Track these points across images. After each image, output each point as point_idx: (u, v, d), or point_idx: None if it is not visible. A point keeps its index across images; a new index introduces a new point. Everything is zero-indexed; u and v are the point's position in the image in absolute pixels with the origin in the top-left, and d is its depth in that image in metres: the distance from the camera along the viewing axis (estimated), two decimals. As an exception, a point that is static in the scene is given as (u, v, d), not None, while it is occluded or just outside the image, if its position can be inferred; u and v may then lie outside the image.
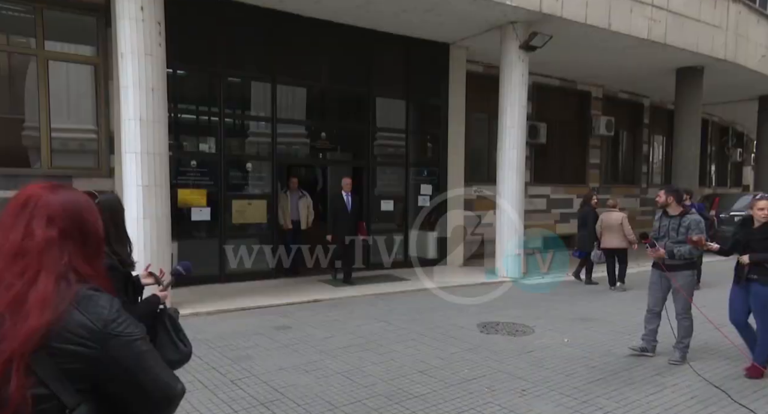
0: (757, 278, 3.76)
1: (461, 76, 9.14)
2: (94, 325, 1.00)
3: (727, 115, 17.01)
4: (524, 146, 8.20)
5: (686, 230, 4.09)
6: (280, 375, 3.93)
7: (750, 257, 3.77)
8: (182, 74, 7.07)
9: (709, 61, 9.73)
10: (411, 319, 5.55)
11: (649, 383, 3.80)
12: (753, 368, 3.89)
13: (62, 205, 1.07)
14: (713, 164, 17.88)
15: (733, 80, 11.18)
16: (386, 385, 3.75)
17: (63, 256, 1.03)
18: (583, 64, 10.17)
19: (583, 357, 4.39)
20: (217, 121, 7.16)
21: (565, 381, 3.84)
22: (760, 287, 3.77)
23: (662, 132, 14.60)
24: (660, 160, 15.07)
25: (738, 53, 10.02)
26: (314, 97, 8.52)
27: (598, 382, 3.84)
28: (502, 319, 5.59)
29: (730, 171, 19.24)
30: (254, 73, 7.53)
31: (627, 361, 4.25)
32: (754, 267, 3.76)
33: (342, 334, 5.01)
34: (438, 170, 9.19)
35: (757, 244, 3.70)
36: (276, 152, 7.63)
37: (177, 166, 6.77)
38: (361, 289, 7.01)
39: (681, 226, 4.12)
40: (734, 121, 18.24)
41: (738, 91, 12.52)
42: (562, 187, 11.61)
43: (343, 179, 7.35)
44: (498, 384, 3.78)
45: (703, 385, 3.76)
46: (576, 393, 3.62)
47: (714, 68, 10.05)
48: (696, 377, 3.91)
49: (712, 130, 16.96)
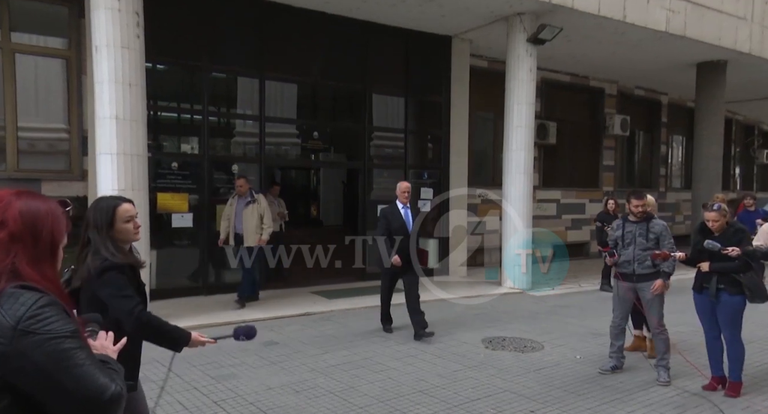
0: (724, 288, 3.85)
1: (464, 72, 9.20)
2: (6, 321, 1.10)
3: (752, 114, 17.11)
4: (532, 147, 8.24)
5: (656, 237, 4.21)
6: (268, 395, 3.92)
7: (711, 266, 3.87)
8: (162, 69, 7.10)
9: (732, 55, 9.81)
10: (410, 333, 5.54)
11: (668, 405, 3.80)
12: (732, 386, 3.94)
13: (20, 210, 1.20)
14: (738, 167, 17.96)
15: (759, 76, 11.26)
16: (383, 405, 3.75)
17: (6, 258, 1.17)
18: (595, 59, 10.24)
19: (597, 375, 4.40)
20: (201, 119, 7.18)
21: (577, 402, 3.85)
22: (728, 297, 3.85)
23: (682, 132, 14.68)
24: (679, 161, 15.14)
25: (764, 46, 10.11)
26: (305, 93, 8.56)
27: (614, 402, 3.84)
28: (509, 334, 5.59)
29: (756, 173, 19.33)
30: (241, 67, 7.57)
31: (643, 381, 4.26)
32: (720, 277, 3.86)
33: (335, 350, 5.01)
34: (439, 173, 9.22)
35: (718, 252, 3.77)
36: (264, 153, 7.65)
37: (156, 169, 6.78)
38: (355, 301, 7.00)
39: (650, 232, 4.23)
40: (760, 120, 18.35)
41: (764, 88, 12.61)
42: (573, 191, 11.65)
43: (399, 184, 5.60)
44: (504, 405, 3.78)
45: (731, 404, 3.77)
46: (589, 414, 3.62)
47: (738, 63, 10.13)
48: (720, 397, 3.91)
49: (736, 130, 17.06)
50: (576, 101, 11.97)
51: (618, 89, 12.41)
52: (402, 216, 5.49)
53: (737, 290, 3.82)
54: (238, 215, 6.52)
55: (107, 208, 2.13)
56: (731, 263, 3.78)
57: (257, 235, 6.45)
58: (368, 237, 8.45)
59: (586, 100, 12.16)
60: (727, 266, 3.81)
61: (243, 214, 6.46)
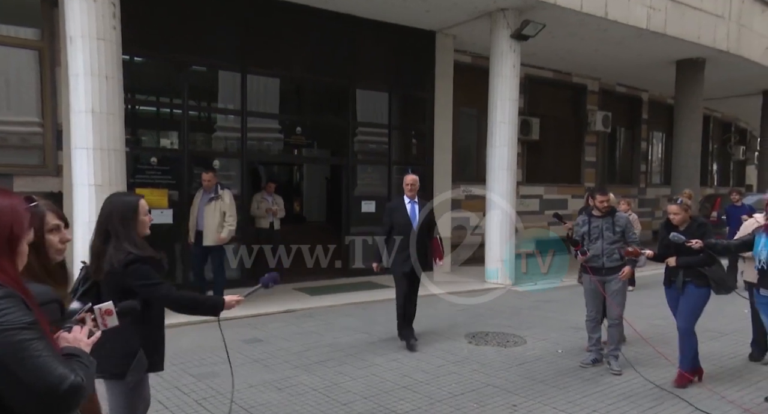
0: (690, 280, 3.99)
1: (448, 67, 9.23)
2: None
3: (729, 111, 17.53)
4: (516, 143, 8.32)
5: (621, 229, 4.37)
6: (250, 393, 3.91)
7: (677, 261, 4.00)
8: (140, 61, 6.99)
9: (711, 53, 10.02)
10: (394, 330, 5.56)
11: (646, 397, 3.89)
12: (680, 375, 4.06)
13: None
14: (715, 163, 18.39)
15: (736, 74, 11.53)
16: (366, 402, 3.76)
17: None
18: (578, 55, 10.37)
19: (578, 368, 4.48)
20: (180, 114, 7.09)
21: (559, 395, 3.91)
22: (694, 289, 3.99)
23: (662, 128, 14.97)
24: (659, 158, 15.44)
25: (741, 45, 10.35)
26: (288, 88, 8.50)
27: (595, 394, 3.92)
28: (492, 329, 5.66)
29: (733, 170, 19.81)
30: (222, 61, 7.48)
31: (624, 374, 4.34)
32: (686, 270, 3.99)
33: (318, 347, 5.01)
34: (423, 169, 9.23)
35: (683, 247, 3.89)
36: (246, 148, 7.59)
37: (134, 164, 6.68)
38: (339, 297, 7.00)
39: (615, 225, 4.39)
40: (737, 117, 18.80)
41: (741, 86, 12.92)
42: (555, 187, 11.81)
43: (405, 177, 5.19)
44: (487, 399, 3.82)
45: (704, 397, 3.87)
46: (571, 408, 3.69)
47: (716, 61, 10.36)
48: (696, 390, 4.01)
49: (713, 127, 17.45)
50: (559, 97, 12.11)
51: (600, 86, 12.59)
52: (407, 211, 5.01)
53: (703, 282, 3.96)
54: (200, 211, 6.30)
55: (132, 203, 2.31)
56: (696, 257, 3.91)
57: (218, 234, 6.24)
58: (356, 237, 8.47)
59: (568, 97, 12.31)
60: (692, 260, 3.94)
61: (205, 211, 6.24)
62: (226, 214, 6.31)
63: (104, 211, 2.30)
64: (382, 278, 8.26)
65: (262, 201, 7.82)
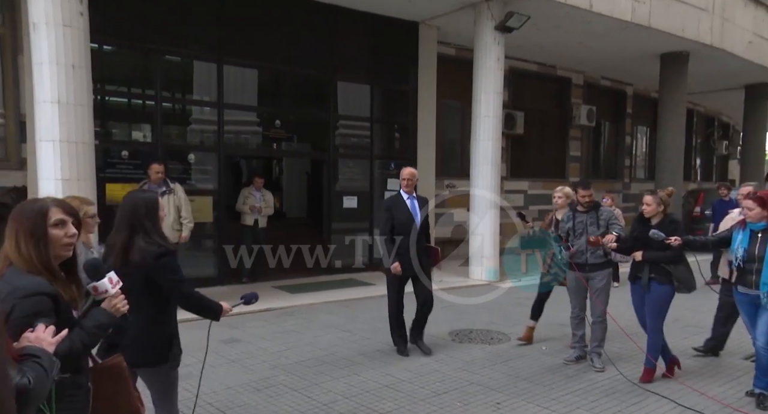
0: (654, 277, 4.04)
1: (431, 59, 9.21)
2: None
3: (712, 105, 17.87)
4: (500, 137, 8.34)
5: (606, 223, 4.37)
6: (227, 394, 3.85)
7: (643, 255, 4.03)
8: (110, 50, 6.82)
9: (694, 47, 10.17)
10: (376, 328, 5.55)
11: (630, 393, 3.94)
12: (646, 371, 4.13)
13: None
14: (698, 158, 18.74)
15: (719, 68, 11.74)
16: (348, 402, 3.74)
17: None
18: (563, 48, 10.43)
19: (562, 366, 4.51)
20: (153, 105, 6.94)
21: (543, 392, 3.94)
22: (657, 286, 4.04)
23: (646, 123, 15.18)
24: (643, 152, 15.67)
25: (724, 38, 10.53)
26: (267, 80, 8.39)
27: (578, 392, 3.95)
28: (476, 327, 5.68)
29: (716, 165, 20.22)
30: (197, 51, 7.33)
31: (608, 370, 4.39)
32: (651, 267, 4.03)
33: (298, 346, 4.96)
34: (406, 163, 9.12)
35: (654, 242, 3.94)
36: (223, 142, 7.47)
37: (105, 157, 6.53)
38: (320, 295, 6.96)
39: (600, 219, 4.39)
40: (720, 112, 19.18)
41: (724, 80, 13.16)
42: (540, 182, 11.89)
43: (402, 171, 4.87)
44: (471, 397, 3.83)
45: (685, 393, 3.93)
46: (554, 405, 3.72)
47: (699, 54, 10.52)
48: (677, 386, 4.07)
49: (697, 121, 17.77)
50: (543, 91, 12.18)
51: (584, 79, 12.70)
52: (408, 207, 4.73)
53: (666, 280, 4.00)
54: None
55: (154, 199, 2.54)
56: (664, 253, 3.95)
57: (176, 232, 5.91)
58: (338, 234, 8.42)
59: (553, 90, 12.39)
60: (658, 256, 3.98)
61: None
62: (182, 209, 5.96)
63: (127, 206, 2.49)
64: (364, 275, 8.25)
65: (249, 197, 7.65)
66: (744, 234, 3.69)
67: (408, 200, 4.78)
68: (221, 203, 7.43)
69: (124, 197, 2.57)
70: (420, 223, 4.73)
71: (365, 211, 8.86)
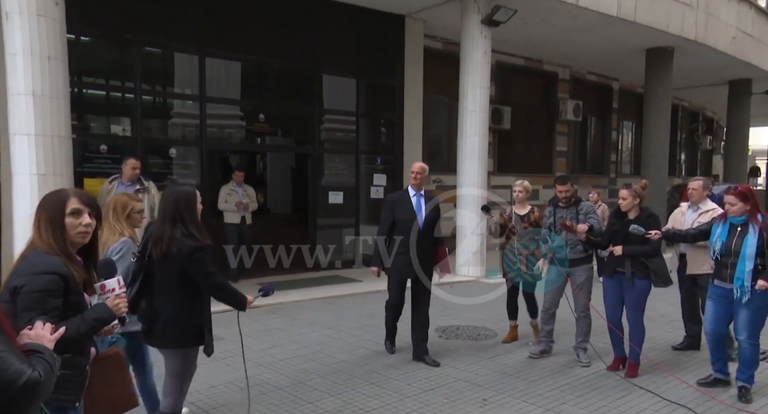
0: (633, 272, 4.11)
1: (418, 53, 9.20)
2: None
3: (697, 101, 18.15)
4: (487, 132, 8.39)
5: (585, 216, 4.42)
6: (211, 393, 3.84)
7: (624, 249, 4.10)
8: (88, 41, 6.69)
9: (679, 42, 10.31)
10: (362, 325, 5.56)
11: (615, 388, 4.01)
12: (631, 366, 4.22)
13: None
14: (683, 153, 19.04)
15: (704, 63, 11.91)
16: (334, 400, 3.75)
17: None
18: (549, 42, 10.50)
19: (548, 362, 4.57)
20: (133, 98, 6.84)
21: (529, 388, 3.99)
22: (636, 280, 4.12)
23: (632, 118, 15.37)
24: (629, 148, 15.87)
25: (708, 34, 10.69)
26: (250, 73, 8.32)
27: (564, 387, 4.01)
28: (463, 323, 5.72)
29: (700, 160, 20.56)
30: (178, 43, 7.23)
31: (593, 365, 4.46)
32: (631, 261, 4.10)
33: (283, 344, 4.96)
34: (393, 158, 9.24)
35: (633, 237, 4.02)
36: (205, 136, 7.39)
37: (82, 151, 6.43)
38: (305, 292, 6.94)
39: (580, 214, 4.43)
40: (704, 107, 19.49)
41: (708, 75, 13.37)
42: (527, 177, 11.92)
43: (414, 165, 4.60)
44: (457, 394, 3.86)
45: (670, 388, 4.01)
46: (540, 400, 3.77)
47: (684, 49, 10.67)
48: (662, 379, 4.16)
49: (682, 116, 18.05)
50: (530, 85, 12.26)
51: (571, 74, 12.81)
52: (412, 205, 4.43)
53: (644, 274, 4.08)
54: None
55: (192, 192, 2.74)
56: (644, 247, 4.02)
57: None
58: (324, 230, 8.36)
59: (539, 85, 12.47)
60: (639, 250, 4.05)
61: None
62: (155, 210, 5.82)
63: (169, 199, 2.69)
64: (350, 272, 8.25)
65: (230, 193, 7.35)
66: (723, 227, 3.76)
67: (414, 197, 4.49)
68: (204, 200, 7.32)
69: (165, 190, 2.81)
70: (424, 222, 4.42)
71: (351, 207, 8.85)
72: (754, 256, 3.57)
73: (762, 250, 3.58)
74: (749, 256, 3.58)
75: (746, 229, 3.64)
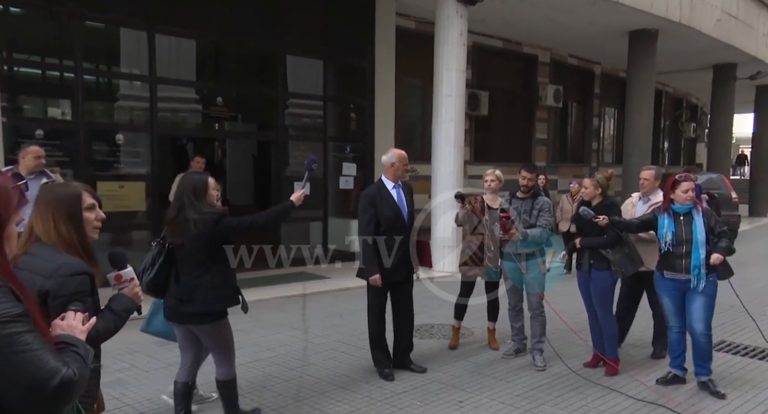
0: (593, 264, 4.22)
1: (390, 33, 9.15)
2: None
3: (681, 86, 18.64)
4: (463, 118, 8.42)
5: (538, 213, 4.46)
6: (163, 403, 3.76)
7: (581, 241, 4.24)
8: (18, 13, 6.43)
9: (663, 24, 10.54)
10: (330, 325, 5.53)
11: (594, 387, 4.09)
12: (609, 364, 4.32)
13: None
14: (666, 140, 19.56)
15: (688, 46, 12.23)
16: (300, 405, 3.72)
17: None
18: (529, 23, 10.59)
19: (524, 360, 4.63)
20: (73, 78, 6.60)
21: (506, 388, 4.04)
22: (597, 273, 4.23)
23: (614, 104, 15.69)
24: (611, 135, 16.20)
25: (693, 15, 10.95)
26: (206, 52, 8.15)
27: (542, 387, 4.07)
28: (437, 321, 5.75)
29: (684, 148, 21.18)
30: (123, 16, 7.00)
31: (570, 364, 4.54)
32: (591, 252, 4.22)
33: (245, 346, 4.88)
34: (363, 146, 9.19)
35: (589, 228, 4.14)
36: (156, 120, 7.21)
37: (14, 136, 6.19)
38: (268, 290, 6.87)
39: (534, 209, 4.47)
40: (688, 93, 20.04)
41: (693, 59, 13.74)
42: (505, 167, 12.06)
43: (390, 153, 4.33)
44: (431, 396, 3.88)
45: (655, 387, 4.12)
46: (518, 401, 3.81)
47: (668, 32, 10.91)
48: (645, 378, 4.26)
49: (666, 102, 18.52)
50: (509, 69, 12.36)
51: (551, 57, 12.96)
52: (395, 200, 4.20)
53: (605, 265, 4.17)
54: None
55: (204, 180, 3.11)
56: (599, 238, 4.13)
57: None
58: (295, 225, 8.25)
59: (519, 68, 12.59)
60: (595, 241, 4.16)
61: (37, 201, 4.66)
62: None
63: (181, 187, 3.08)
64: (316, 269, 8.20)
65: None
66: (669, 218, 3.89)
67: (393, 190, 4.23)
68: (155, 190, 7.17)
69: (180, 178, 3.29)
70: (408, 216, 4.25)
71: (318, 199, 8.77)
72: (705, 243, 3.77)
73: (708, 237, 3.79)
74: (701, 242, 3.77)
75: (690, 217, 3.83)
